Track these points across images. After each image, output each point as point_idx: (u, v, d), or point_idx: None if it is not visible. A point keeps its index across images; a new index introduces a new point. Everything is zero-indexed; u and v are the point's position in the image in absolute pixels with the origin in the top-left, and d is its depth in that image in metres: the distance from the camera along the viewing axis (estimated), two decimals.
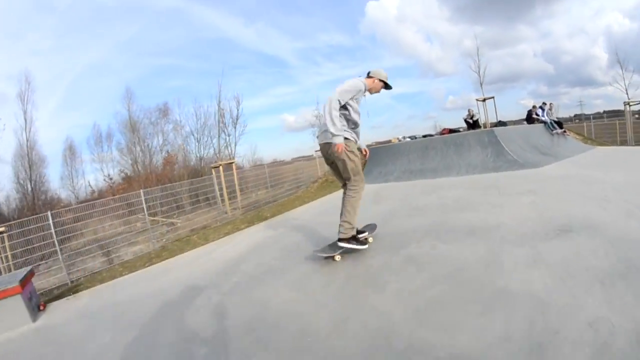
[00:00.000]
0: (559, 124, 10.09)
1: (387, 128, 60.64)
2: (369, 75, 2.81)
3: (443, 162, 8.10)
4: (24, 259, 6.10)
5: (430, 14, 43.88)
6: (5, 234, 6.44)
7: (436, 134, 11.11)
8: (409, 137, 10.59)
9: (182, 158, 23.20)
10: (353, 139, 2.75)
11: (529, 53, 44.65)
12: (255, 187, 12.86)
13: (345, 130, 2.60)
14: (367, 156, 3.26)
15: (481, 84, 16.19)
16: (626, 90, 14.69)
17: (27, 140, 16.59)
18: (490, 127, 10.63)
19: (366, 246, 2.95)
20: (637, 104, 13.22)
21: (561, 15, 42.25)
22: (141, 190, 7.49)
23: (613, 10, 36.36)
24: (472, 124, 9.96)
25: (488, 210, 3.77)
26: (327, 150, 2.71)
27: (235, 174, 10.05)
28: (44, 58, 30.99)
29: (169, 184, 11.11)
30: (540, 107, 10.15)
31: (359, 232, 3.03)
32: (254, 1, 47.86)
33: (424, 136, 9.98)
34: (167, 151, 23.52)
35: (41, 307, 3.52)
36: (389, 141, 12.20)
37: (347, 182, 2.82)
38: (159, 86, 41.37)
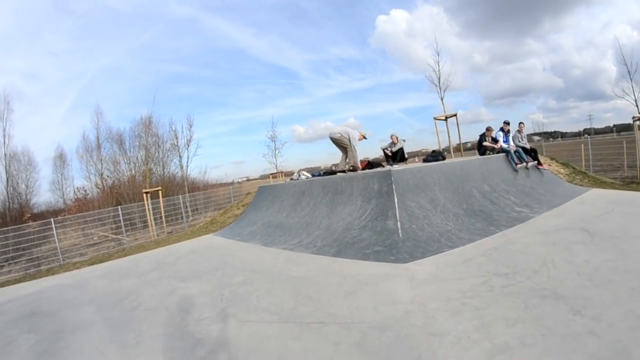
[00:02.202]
0: (532, 151, 6.66)
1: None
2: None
3: (310, 217, 5.20)
4: None
5: (439, 29, 41.66)
6: None
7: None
8: (312, 174, 7.41)
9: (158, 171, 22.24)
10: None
11: (538, 67, 42.85)
12: (202, 209, 13.53)
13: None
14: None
15: (442, 99, 12.13)
16: (636, 102, 10.81)
17: (5, 155, 17.76)
18: (425, 159, 7.36)
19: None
20: None
21: (570, 29, 40.56)
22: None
23: (621, 23, 32.86)
24: (393, 156, 6.77)
25: None
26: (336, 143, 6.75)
27: (161, 201, 10.28)
28: (58, 59, 31.84)
29: (124, 205, 12.43)
30: (501, 129, 6.75)
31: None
32: (266, 13, 48.00)
33: (325, 173, 6.87)
34: (149, 167, 22.76)
35: None
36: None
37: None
38: (170, 93, 42.64)
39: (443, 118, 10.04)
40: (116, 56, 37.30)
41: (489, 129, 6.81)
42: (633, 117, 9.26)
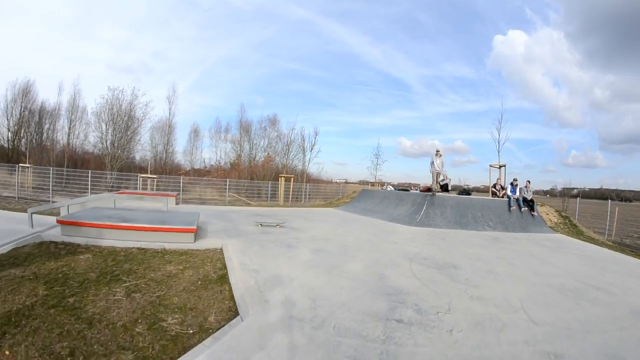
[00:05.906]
0: (530, 202, 11.34)
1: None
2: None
3: (384, 208, 11.91)
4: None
5: (559, 56, 38.50)
6: (155, 179, 16.75)
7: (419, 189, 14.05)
8: (394, 187, 13.92)
9: (280, 160, 31.32)
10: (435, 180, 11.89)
11: None
12: (314, 196, 21.63)
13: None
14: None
15: (499, 152, 16.40)
16: None
17: (168, 126, 28.73)
18: (458, 193, 12.80)
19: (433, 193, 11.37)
20: None
21: None
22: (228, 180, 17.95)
23: None
24: (442, 187, 12.41)
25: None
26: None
27: (291, 185, 18.47)
28: (184, 44, 41.98)
29: (256, 180, 20.94)
30: (511, 184, 11.60)
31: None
32: (382, 23, 51.47)
33: (400, 189, 13.25)
34: (268, 153, 31.91)
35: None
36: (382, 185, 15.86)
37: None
38: (284, 87, 49.29)
39: (497, 166, 14.68)
40: (236, 48, 45.82)
41: (498, 179, 11.75)
42: None
